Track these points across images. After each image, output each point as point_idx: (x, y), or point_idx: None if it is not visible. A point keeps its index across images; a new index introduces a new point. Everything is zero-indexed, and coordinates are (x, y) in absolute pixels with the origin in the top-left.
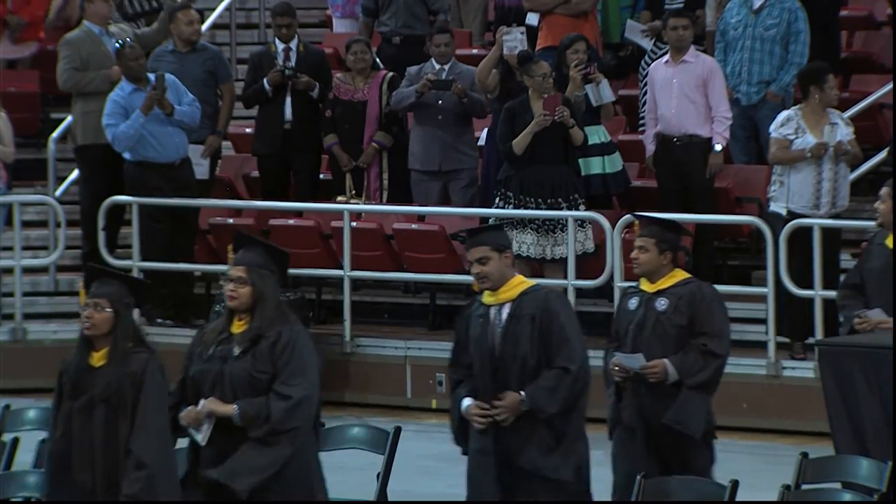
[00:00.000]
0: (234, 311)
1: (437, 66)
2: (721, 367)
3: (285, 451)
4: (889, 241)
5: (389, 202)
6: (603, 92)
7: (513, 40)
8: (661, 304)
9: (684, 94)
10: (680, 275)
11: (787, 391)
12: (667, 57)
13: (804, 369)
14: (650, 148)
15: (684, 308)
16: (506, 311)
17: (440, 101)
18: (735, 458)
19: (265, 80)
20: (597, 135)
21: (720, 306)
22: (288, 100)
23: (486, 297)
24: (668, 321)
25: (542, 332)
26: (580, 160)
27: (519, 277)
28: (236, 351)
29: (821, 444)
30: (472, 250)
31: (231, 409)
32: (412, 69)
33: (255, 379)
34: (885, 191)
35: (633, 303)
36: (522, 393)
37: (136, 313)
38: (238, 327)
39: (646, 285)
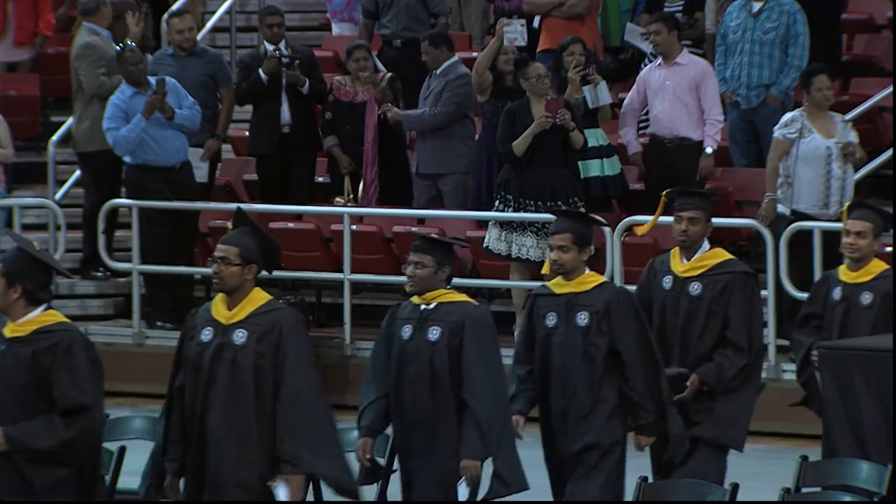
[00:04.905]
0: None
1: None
2: None
3: None
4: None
5: (387, 205)
6: (601, 94)
7: (513, 32)
8: None
9: (677, 97)
10: None
11: (788, 394)
12: (659, 59)
13: None
14: (634, 145)
15: None
16: None
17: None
18: (735, 460)
19: (260, 70)
20: (594, 137)
21: None
22: (284, 101)
23: None
24: None
25: None
26: (578, 163)
27: None
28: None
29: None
30: None
31: None
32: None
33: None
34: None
35: None
36: None
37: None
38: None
39: None
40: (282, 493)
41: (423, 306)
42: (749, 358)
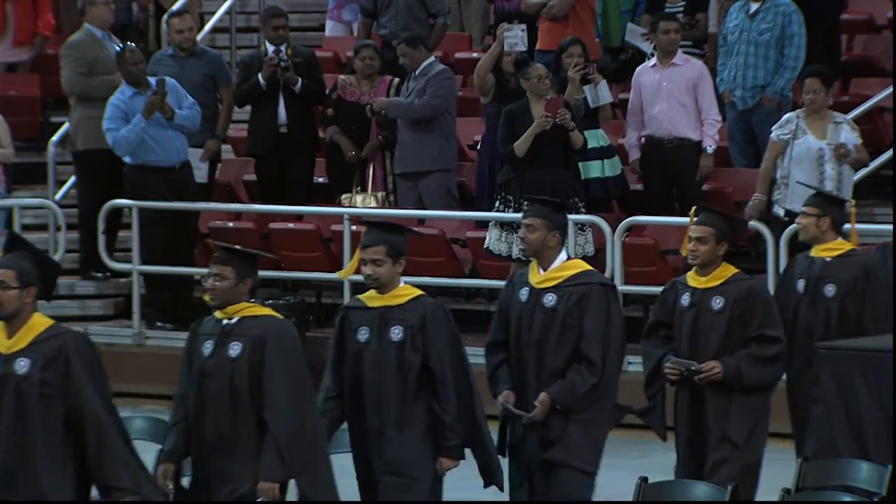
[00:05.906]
0: None
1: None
2: None
3: None
4: None
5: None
6: (601, 93)
7: (513, 37)
8: None
9: (674, 98)
10: None
11: (786, 396)
12: (654, 60)
13: None
14: (635, 151)
15: None
16: None
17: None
18: None
19: (259, 75)
20: (595, 138)
21: None
22: (281, 102)
23: None
24: None
25: None
26: (579, 164)
27: None
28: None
29: None
30: None
31: None
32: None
33: None
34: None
35: None
36: None
37: None
38: None
39: None
40: None
41: (224, 321)
42: (601, 374)
